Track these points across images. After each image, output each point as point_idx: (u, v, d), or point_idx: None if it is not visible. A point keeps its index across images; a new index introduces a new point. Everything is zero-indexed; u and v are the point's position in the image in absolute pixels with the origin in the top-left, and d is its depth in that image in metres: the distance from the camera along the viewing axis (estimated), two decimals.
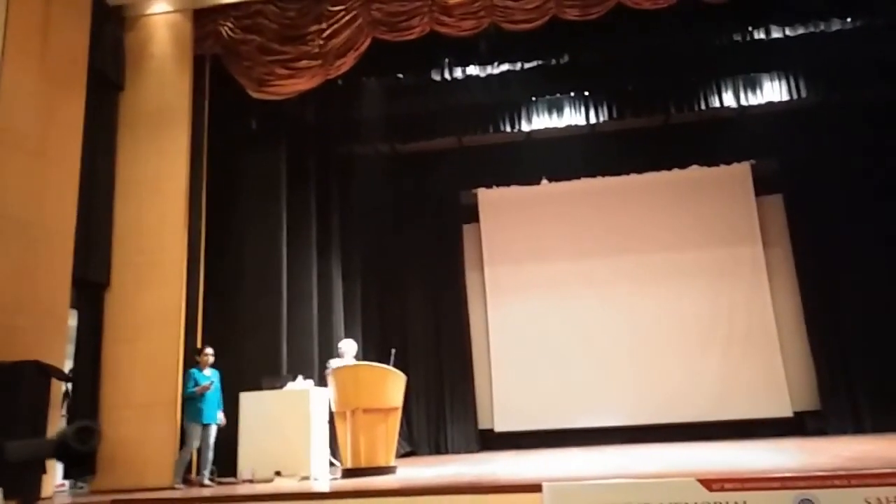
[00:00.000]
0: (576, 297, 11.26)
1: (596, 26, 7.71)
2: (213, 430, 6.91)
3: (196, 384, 6.85)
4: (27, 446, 1.30)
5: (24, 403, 5.30)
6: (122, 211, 7.48)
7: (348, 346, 7.62)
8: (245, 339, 7.95)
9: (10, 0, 6.18)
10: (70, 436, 1.18)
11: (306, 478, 6.81)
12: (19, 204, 6.03)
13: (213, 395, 6.93)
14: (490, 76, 9.09)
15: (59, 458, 1.20)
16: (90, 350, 7.05)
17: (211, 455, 6.85)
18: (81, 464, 5.71)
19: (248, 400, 7.27)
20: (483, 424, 11.23)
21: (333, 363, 7.31)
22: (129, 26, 8.00)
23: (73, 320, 6.86)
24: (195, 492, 6.20)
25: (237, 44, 8.05)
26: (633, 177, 11.16)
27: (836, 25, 8.38)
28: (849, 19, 8.32)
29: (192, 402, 6.84)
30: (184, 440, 6.80)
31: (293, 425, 7.08)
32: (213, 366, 7.11)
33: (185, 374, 7.02)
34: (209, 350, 7.11)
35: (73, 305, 6.82)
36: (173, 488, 6.42)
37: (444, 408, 11.05)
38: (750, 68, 9.32)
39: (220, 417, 7.01)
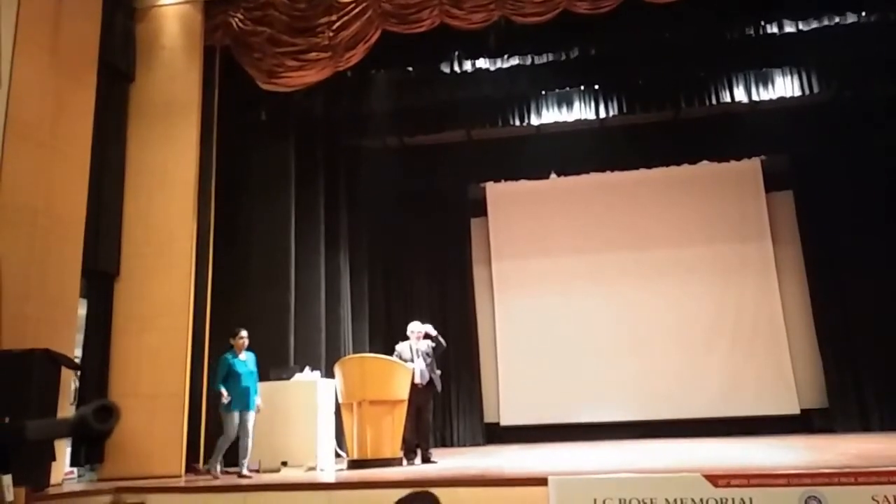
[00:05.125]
0: (583, 291, 11.24)
1: (606, 20, 7.66)
2: (251, 417, 6.49)
3: (230, 371, 6.42)
4: (46, 425, 1.31)
5: (34, 391, 5.35)
6: (132, 201, 7.51)
7: (415, 327, 7.41)
8: (253, 330, 7.93)
9: None
10: (89, 414, 1.19)
11: (313, 468, 6.85)
12: (30, 194, 6.06)
13: (249, 379, 6.53)
14: (499, 70, 9.07)
15: (77, 438, 1.21)
16: (99, 339, 7.09)
17: (250, 443, 6.44)
18: (98, 443, 5.73)
19: None
20: (489, 418, 11.25)
21: (400, 347, 7.30)
22: (139, 17, 8.01)
23: (82, 309, 6.89)
24: (201, 481, 6.25)
25: (247, 35, 8.05)
26: (643, 172, 11.10)
27: (850, 19, 8.29)
28: (863, 13, 8.23)
29: (225, 390, 6.36)
30: (222, 428, 6.45)
31: (300, 416, 7.12)
32: (247, 349, 6.67)
33: (217, 360, 6.63)
34: (244, 332, 6.66)
35: (83, 295, 6.86)
36: (212, 475, 6.22)
37: (450, 401, 11.07)
38: (761, 63, 9.24)
39: (258, 403, 6.55)
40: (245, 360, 6.60)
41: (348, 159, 10.71)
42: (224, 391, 6.33)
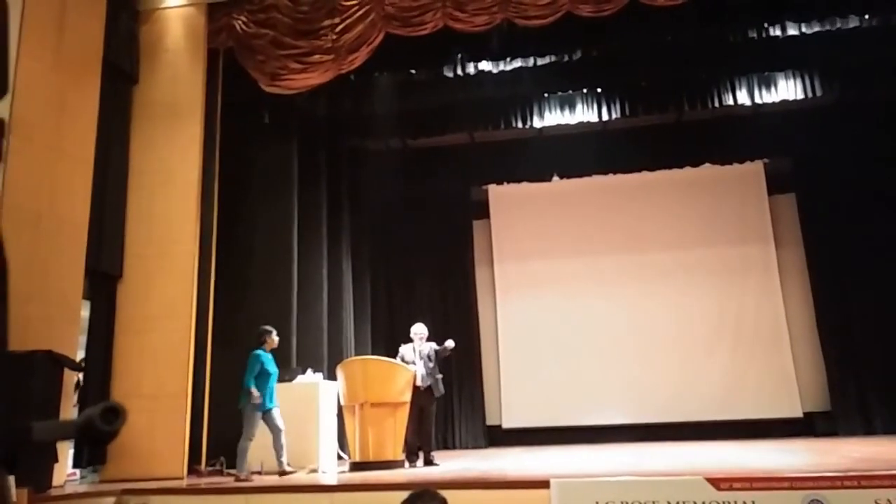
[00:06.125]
0: (586, 294, 11.23)
1: (609, 22, 7.66)
2: (278, 413, 6.42)
3: (262, 369, 6.32)
4: (53, 426, 1.31)
5: (37, 392, 5.35)
6: (135, 203, 7.53)
7: (419, 329, 7.44)
8: (255, 331, 7.97)
9: None
10: (96, 416, 1.19)
11: (314, 470, 6.85)
12: (33, 195, 6.07)
13: (274, 379, 6.49)
14: (502, 72, 9.07)
15: (83, 439, 1.21)
16: (102, 340, 7.10)
17: (284, 439, 6.33)
18: (104, 445, 5.72)
19: None
20: (491, 420, 11.24)
21: (403, 349, 7.31)
22: (143, 19, 8.04)
23: (85, 311, 6.91)
24: (204, 482, 6.25)
25: (250, 38, 8.07)
26: (645, 174, 11.10)
27: (853, 23, 8.28)
28: (866, 17, 8.22)
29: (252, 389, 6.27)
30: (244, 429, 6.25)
31: (302, 418, 7.12)
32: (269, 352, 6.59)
33: (250, 357, 6.45)
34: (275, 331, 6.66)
35: (86, 296, 6.87)
36: (239, 479, 6.04)
37: (452, 403, 11.06)
38: (764, 66, 9.25)
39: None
40: (271, 360, 6.56)
41: (351, 161, 10.72)
42: (255, 391, 6.25)
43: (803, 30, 8.44)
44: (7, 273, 1.29)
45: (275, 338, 6.64)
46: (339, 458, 7.80)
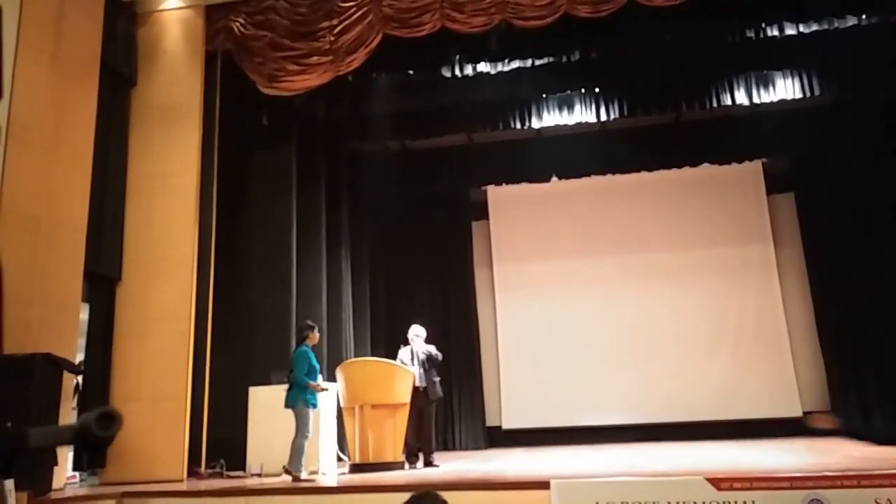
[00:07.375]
0: (585, 294, 11.23)
1: (607, 23, 7.66)
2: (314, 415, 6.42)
3: (310, 366, 6.28)
4: (49, 432, 1.32)
5: (36, 395, 5.35)
6: (134, 206, 7.53)
7: (416, 330, 7.46)
8: (254, 334, 7.99)
9: None
10: (92, 421, 1.19)
11: (314, 472, 6.84)
12: (31, 198, 6.07)
13: (317, 377, 6.46)
14: (501, 73, 9.06)
15: (80, 444, 1.21)
16: (101, 344, 7.10)
17: (306, 444, 6.25)
18: (101, 450, 5.70)
19: (257, 395, 7.32)
20: (491, 422, 11.23)
21: (403, 353, 7.32)
22: (141, 22, 8.04)
23: (84, 314, 6.91)
24: (203, 485, 6.25)
25: (248, 40, 8.07)
26: (644, 174, 11.09)
27: (850, 22, 8.29)
28: (864, 16, 8.23)
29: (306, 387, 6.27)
30: (299, 428, 6.16)
31: None
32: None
33: (298, 353, 6.43)
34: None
35: (85, 299, 6.87)
36: (298, 479, 5.94)
37: (451, 404, 11.06)
38: (762, 66, 9.23)
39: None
40: (314, 356, 6.53)
41: (350, 163, 10.72)
42: (313, 383, 6.21)
43: (801, 29, 8.44)
44: (2, 277, 1.29)
45: (316, 333, 6.63)
46: (339, 459, 7.79)
